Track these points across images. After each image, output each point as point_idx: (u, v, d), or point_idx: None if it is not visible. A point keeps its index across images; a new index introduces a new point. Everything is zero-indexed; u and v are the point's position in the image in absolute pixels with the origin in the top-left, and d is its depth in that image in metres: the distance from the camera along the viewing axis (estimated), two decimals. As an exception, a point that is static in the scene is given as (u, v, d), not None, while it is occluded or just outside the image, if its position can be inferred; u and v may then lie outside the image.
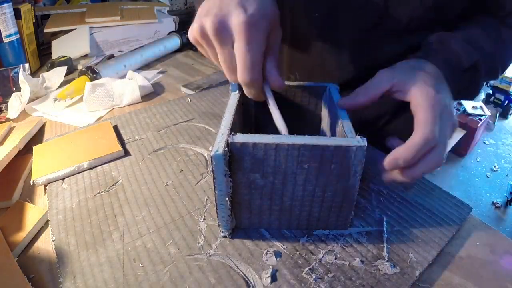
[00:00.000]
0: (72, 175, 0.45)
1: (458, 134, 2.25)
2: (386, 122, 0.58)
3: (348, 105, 0.36)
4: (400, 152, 0.32)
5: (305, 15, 0.50)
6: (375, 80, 0.36)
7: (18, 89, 0.67)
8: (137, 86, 0.65)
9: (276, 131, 0.34)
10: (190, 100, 0.64)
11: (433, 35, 0.43)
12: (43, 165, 0.46)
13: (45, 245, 0.36)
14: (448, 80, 0.37)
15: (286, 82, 0.43)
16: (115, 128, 0.55)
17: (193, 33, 0.32)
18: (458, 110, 2.40)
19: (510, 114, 2.75)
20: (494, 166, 2.29)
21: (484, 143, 2.52)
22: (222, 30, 0.30)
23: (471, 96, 0.44)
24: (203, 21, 0.31)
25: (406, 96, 0.35)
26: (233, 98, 0.38)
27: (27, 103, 0.64)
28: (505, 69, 0.46)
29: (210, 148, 0.49)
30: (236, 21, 0.29)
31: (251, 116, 0.45)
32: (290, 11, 0.51)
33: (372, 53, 0.49)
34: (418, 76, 0.35)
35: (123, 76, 0.74)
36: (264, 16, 0.31)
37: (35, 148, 0.50)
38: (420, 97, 0.33)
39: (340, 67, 0.51)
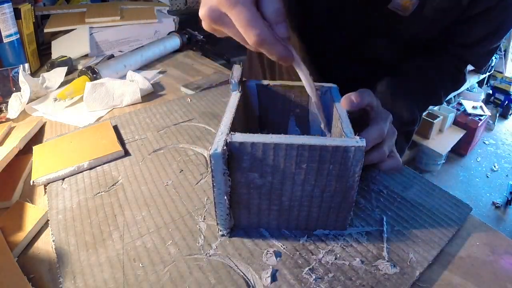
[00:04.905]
0: (72, 175, 0.45)
1: (458, 134, 2.25)
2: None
3: (349, 106, 0.37)
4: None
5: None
6: (366, 93, 0.38)
7: (18, 89, 0.67)
8: (138, 88, 0.65)
9: (277, 132, 0.34)
10: (190, 100, 0.65)
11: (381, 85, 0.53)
12: (43, 165, 0.46)
13: (45, 245, 0.36)
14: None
15: (286, 83, 0.43)
16: (115, 128, 0.55)
17: (206, 12, 0.30)
18: (458, 110, 2.40)
19: (510, 114, 2.75)
20: (494, 166, 2.29)
21: (484, 143, 2.52)
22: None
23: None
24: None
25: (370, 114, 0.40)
26: (234, 97, 0.38)
27: (27, 103, 0.64)
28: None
29: (210, 148, 0.49)
30: None
31: (255, 117, 0.45)
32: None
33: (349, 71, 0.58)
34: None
35: (123, 76, 0.74)
36: None
37: (35, 148, 0.50)
38: (382, 112, 0.39)
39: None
